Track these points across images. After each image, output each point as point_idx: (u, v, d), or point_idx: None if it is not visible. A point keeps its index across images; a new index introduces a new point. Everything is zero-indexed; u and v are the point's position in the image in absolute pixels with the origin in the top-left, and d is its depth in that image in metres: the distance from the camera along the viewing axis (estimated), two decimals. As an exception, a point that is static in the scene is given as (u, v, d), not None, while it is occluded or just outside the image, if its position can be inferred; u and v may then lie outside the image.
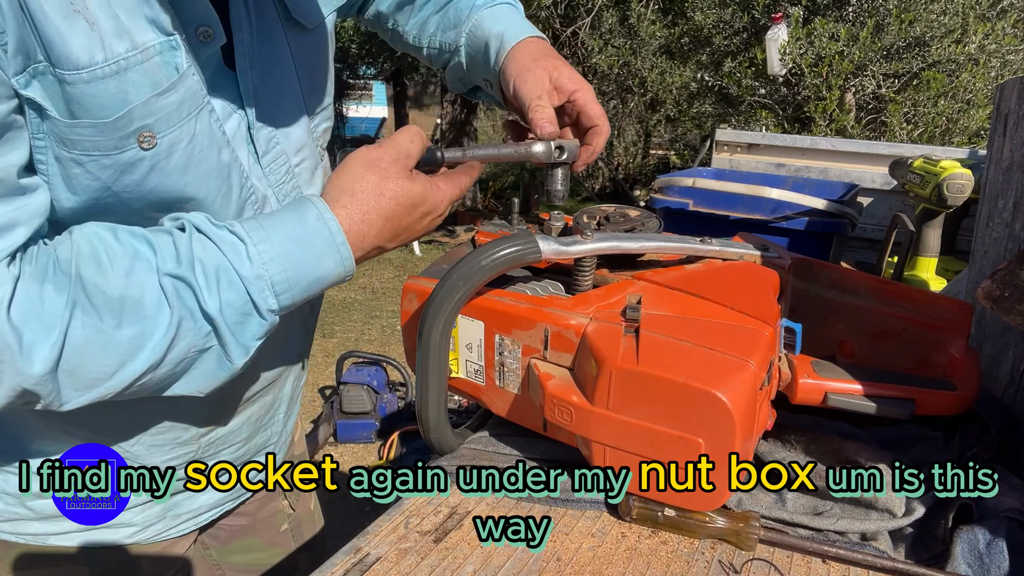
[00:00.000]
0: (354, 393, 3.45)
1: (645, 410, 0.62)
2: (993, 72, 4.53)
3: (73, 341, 0.56)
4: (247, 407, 0.87)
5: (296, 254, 0.64)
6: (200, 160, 0.65)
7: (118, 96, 0.57)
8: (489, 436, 0.80)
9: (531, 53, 0.87)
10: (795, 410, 0.77)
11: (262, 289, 0.62)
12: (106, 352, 0.58)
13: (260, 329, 0.64)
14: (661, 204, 1.93)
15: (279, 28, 0.75)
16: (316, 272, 0.65)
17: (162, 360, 0.60)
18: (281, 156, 0.77)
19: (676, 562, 0.62)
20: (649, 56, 6.45)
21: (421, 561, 0.61)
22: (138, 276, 0.59)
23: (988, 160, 1.05)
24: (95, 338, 0.57)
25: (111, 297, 0.57)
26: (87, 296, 0.57)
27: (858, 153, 2.62)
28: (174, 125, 0.62)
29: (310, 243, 0.64)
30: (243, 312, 0.62)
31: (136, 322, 0.58)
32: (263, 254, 0.63)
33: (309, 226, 0.65)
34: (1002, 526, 0.62)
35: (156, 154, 0.61)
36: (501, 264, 0.68)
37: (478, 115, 10.11)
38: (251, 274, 0.62)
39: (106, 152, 0.59)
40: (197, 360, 0.63)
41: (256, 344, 0.65)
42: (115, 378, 0.59)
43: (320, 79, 0.84)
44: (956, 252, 2.08)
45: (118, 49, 0.57)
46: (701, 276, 0.76)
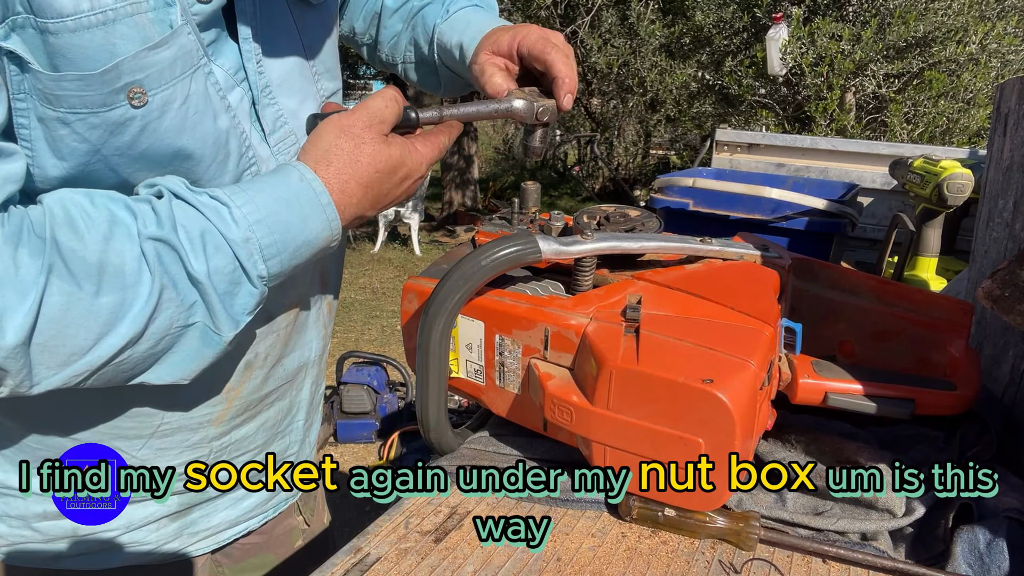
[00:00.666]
0: (354, 393, 3.45)
1: (645, 410, 0.62)
2: (994, 72, 4.54)
3: (49, 310, 0.52)
4: (263, 410, 0.85)
5: (283, 215, 0.61)
6: (195, 123, 0.62)
7: (105, 47, 0.54)
8: (489, 436, 0.80)
9: (480, 47, 0.84)
10: (795, 410, 0.77)
11: (251, 253, 0.59)
12: (84, 323, 0.54)
13: (250, 300, 0.61)
14: (661, 204, 1.93)
15: (283, 3, 0.73)
16: (303, 234, 0.62)
17: (142, 333, 0.56)
18: (290, 136, 0.74)
19: (676, 562, 0.62)
20: (649, 56, 6.45)
21: (421, 561, 0.61)
22: (117, 242, 0.55)
23: (988, 160, 1.05)
24: (72, 307, 0.53)
25: (89, 263, 0.54)
26: (64, 262, 0.53)
27: (858, 153, 2.62)
28: (167, 83, 0.59)
29: (295, 204, 0.62)
30: (232, 280, 0.59)
31: (116, 290, 0.54)
32: (248, 216, 0.60)
33: (293, 187, 0.62)
34: (1002, 526, 0.62)
35: (147, 113, 0.58)
36: (501, 264, 0.68)
37: (478, 115, 10.11)
38: (239, 237, 0.59)
39: (94, 109, 0.55)
40: (180, 337, 0.59)
41: (246, 318, 0.62)
42: (92, 352, 0.55)
43: (329, 60, 0.81)
44: (956, 252, 2.09)
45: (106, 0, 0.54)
46: (701, 276, 0.76)
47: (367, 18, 0.99)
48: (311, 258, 0.65)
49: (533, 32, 0.80)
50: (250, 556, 0.98)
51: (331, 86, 0.82)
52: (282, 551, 1.03)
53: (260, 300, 0.63)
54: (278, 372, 0.84)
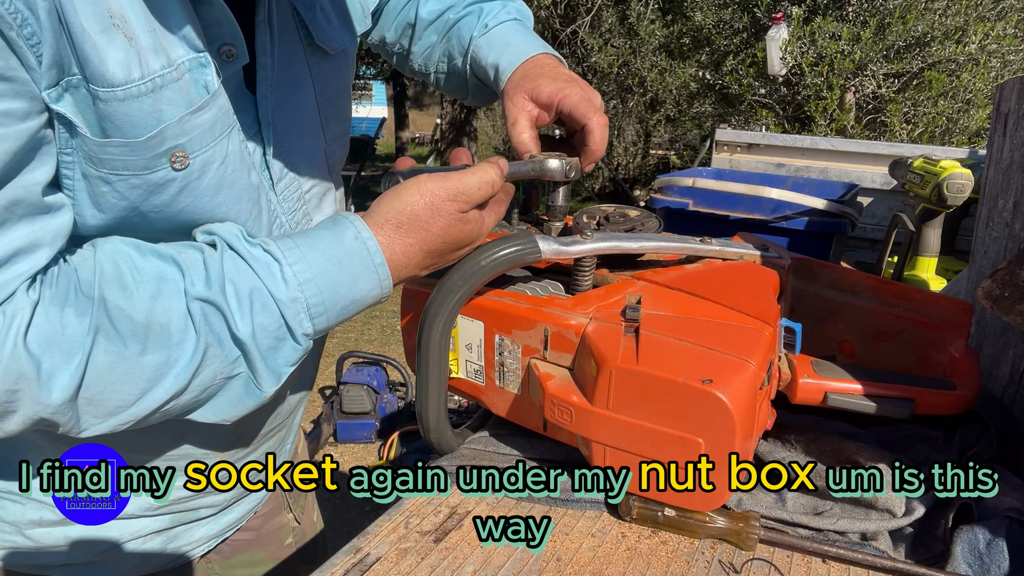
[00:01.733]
0: (354, 393, 3.45)
1: (645, 410, 0.62)
2: (993, 72, 4.54)
3: (95, 368, 0.54)
4: (264, 443, 0.87)
5: (333, 275, 0.61)
6: (232, 182, 0.63)
7: (152, 115, 0.55)
8: (489, 436, 0.80)
9: (518, 77, 0.84)
10: (795, 410, 0.77)
11: (297, 312, 0.60)
12: (129, 379, 0.55)
13: (293, 355, 0.62)
14: (661, 204, 1.93)
15: (301, 53, 0.74)
16: (352, 294, 0.62)
17: (186, 387, 0.58)
18: (294, 183, 0.75)
19: (676, 562, 0.61)
20: (649, 55, 6.45)
21: (421, 561, 0.61)
22: (165, 300, 0.56)
23: (988, 160, 1.05)
24: (118, 365, 0.55)
25: (136, 322, 0.55)
26: (111, 321, 0.54)
27: (858, 153, 2.62)
28: (207, 145, 0.60)
29: (347, 263, 0.61)
30: (277, 337, 0.60)
31: (161, 348, 0.56)
32: (299, 275, 0.60)
33: (347, 245, 0.62)
34: (1002, 526, 0.62)
35: (188, 175, 0.59)
36: (501, 264, 0.68)
37: (478, 115, 10.12)
38: (286, 296, 0.59)
39: (136, 172, 0.57)
40: (224, 387, 0.61)
41: (288, 371, 0.62)
42: (137, 405, 0.57)
43: (339, 106, 0.82)
44: (956, 252, 2.09)
45: (154, 66, 0.55)
46: (701, 276, 0.76)
47: (399, 28, 0.99)
48: (357, 313, 0.65)
49: (576, 92, 0.80)
50: (240, 553, 0.99)
51: (338, 128, 0.83)
52: (272, 549, 1.03)
53: (303, 354, 0.63)
54: (284, 408, 0.87)
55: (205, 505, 0.85)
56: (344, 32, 0.81)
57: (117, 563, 0.81)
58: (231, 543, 0.97)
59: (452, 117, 9.28)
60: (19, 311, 0.52)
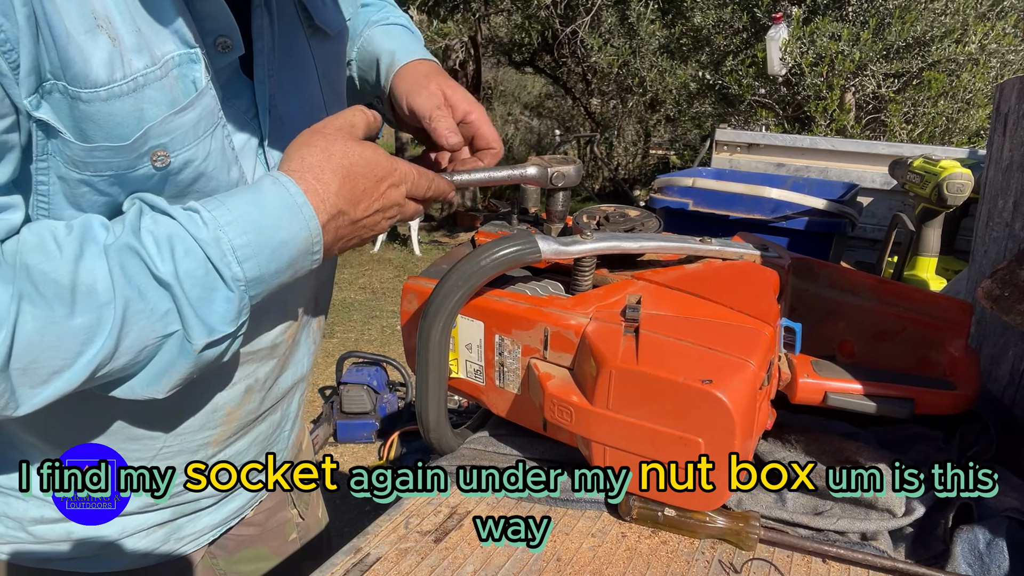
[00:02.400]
0: (354, 393, 3.45)
1: (645, 410, 0.62)
2: (993, 72, 4.54)
3: (23, 335, 0.52)
4: (256, 426, 0.86)
5: (254, 216, 0.59)
6: (210, 177, 0.63)
7: (134, 114, 0.55)
8: (489, 436, 0.80)
9: (423, 71, 0.86)
10: (795, 410, 0.77)
11: (223, 254, 0.57)
12: (60, 344, 0.53)
13: (229, 307, 0.58)
14: (661, 204, 1.93)
15: (302, 35, 0.74)
16: (279, 235, 0.60)
17: (116, 348, 0.55)
18: None
19: (676, 562, 0.62)
20: (649, 55, 6.45)
21: (421, 561, 0.61)
22: (88, 261, 0.54)
23: (988, 160, 1.05)
24: (47, 330, 0.53)
25: (61, 284, 0.53)
26: (34, 286, 0.53)
27: (858, 153, 2.62)
28: (189, 144, 0.60)
29: (267, 205, 0.60)
30: (206, 285, 0.57)
31: (90, 310, 0.54)
32: (219, 218, 0.58)
33: (266, 189, 0.61)
34: (1002, 526, 0.62)
35: (168, 171, 0.60)
36: (501, 264, 0.68)
37: (478, 115, 10.11)
38: (208, 237, 0.57)
39: (118, 172, 0.57)
40: (161, 347, 0.58)
41: (225, 328, 0.59)
42: (72, 371, 0.54)
43: (339, 86, 0.83)
44: (956, 252, 2.09)
45: (137, 65, 0.55)
46: (701, 276, 0.76)
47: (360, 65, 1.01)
48: (292, 262, 0.62)
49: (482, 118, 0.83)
50: (244, 548, 0.99)
51: (339, 108, 0.82)
52: (276, 544, 1.04)
53: (240, 308, 0.60)
54: (274, 392, 0.86)
55: (205, 496, 0.85)
56: (339, 12, 0.81)
57: (120, 556, 0.81)
58: (235, 538, 0.97)
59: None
60: None
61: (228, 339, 0.61)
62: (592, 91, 10.23)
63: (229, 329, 0.60)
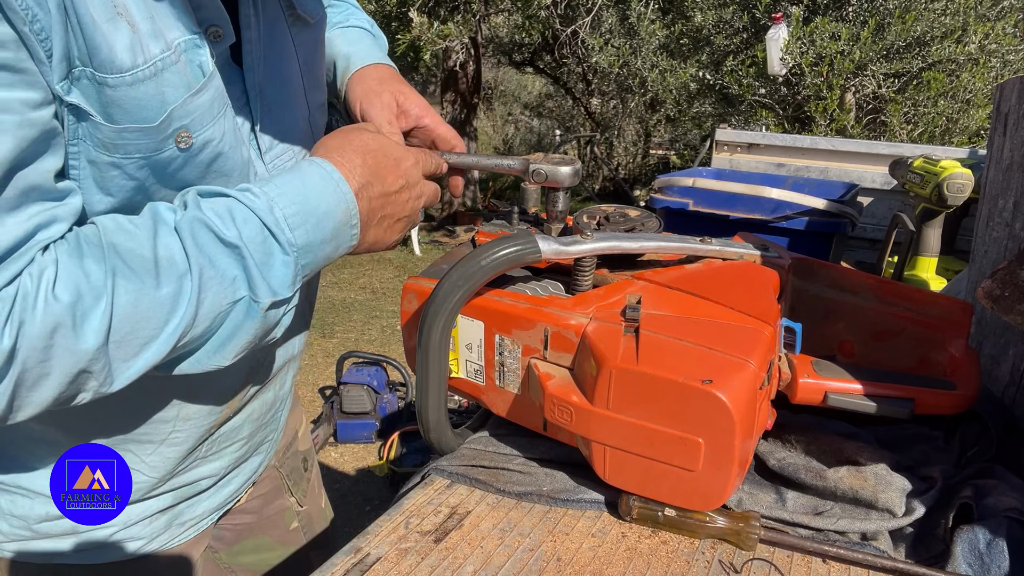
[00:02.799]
0: (354, 393, 3.45)
1: (645, 410, 0.62)
2: (993, 72, 4.53)
3: (120, 307, 0.56)
4: (250, 403, 0.87)
5: (300, 190, 0.65)
6: (227, 157, 0.67)
7: (157, 97, 0.58)
8: (489, 436, 0.80)
9: (377, 77, 0.89)
10: (795, 410, 0.77)
11: (277, 221, 0.62)
12: (151, 314, 0.57)
13: (286, 271, 0.63)
14: (661, 204, 1.93)
15: (283, 24, 0.76)
16: (322, 206, 0.65)
17: (196, 315, 0.59)
18: (285, 152, 0.78)
19: (676, 562, 0.61)
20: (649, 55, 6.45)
21: (421, 561, 0.61)
22: (163, 238, 0.59)
23: (988, 160, 1.05)
24: (140, 300, 0.57)
25: (146, 258, 0.57)
26: (124, 262, 0.57)
27: (858, 153, 2.62)
28: (207, 124, 0.63)
29: (309, 181, 0.66)
30: (265, 249, 0.62)
31: (172, 280, 0.58)
32: (269, 192, 0.63)
33: (305, 169, 0.67)
34: (1002, 525, 0.62)
35: (190, 152, 0.63)
36: (501, 264, 0.68)
37: (478, 115, 10.12)
38: (263, 206, 0.62)
39: (146, 154, 0.60)
40: (230, 313, 0.62)
41: (286, 292, 0.64)
42: (160, 340, 0.58)
43: (319, 74, 0.85)
44: (956, 252, 2.09)
45: (154, 50, 0.58)
46: (701, 276, 0.76)
47: None
48: (336, 233, 0.67)
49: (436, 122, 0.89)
50: (243, 538, 1.00)
51: (319, 96, 0.85)
52: (277, 533, 1.04)
53: (295, 273, 0.64)
54: (263, 370, 0.87)
55: (203, 476, 0.86)
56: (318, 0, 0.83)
57: (124, 545, 0.82)
58: (232, 529, 0.98)
59: (452, 117, 9.28)
60: (45, 268, 0.54)
61: (286, 304, 0.65)
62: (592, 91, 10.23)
63: (287, 293, 0.64)
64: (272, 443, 0.98)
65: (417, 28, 6.68)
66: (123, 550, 0.82)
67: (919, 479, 0.69)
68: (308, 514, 1.09)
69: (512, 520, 0.67)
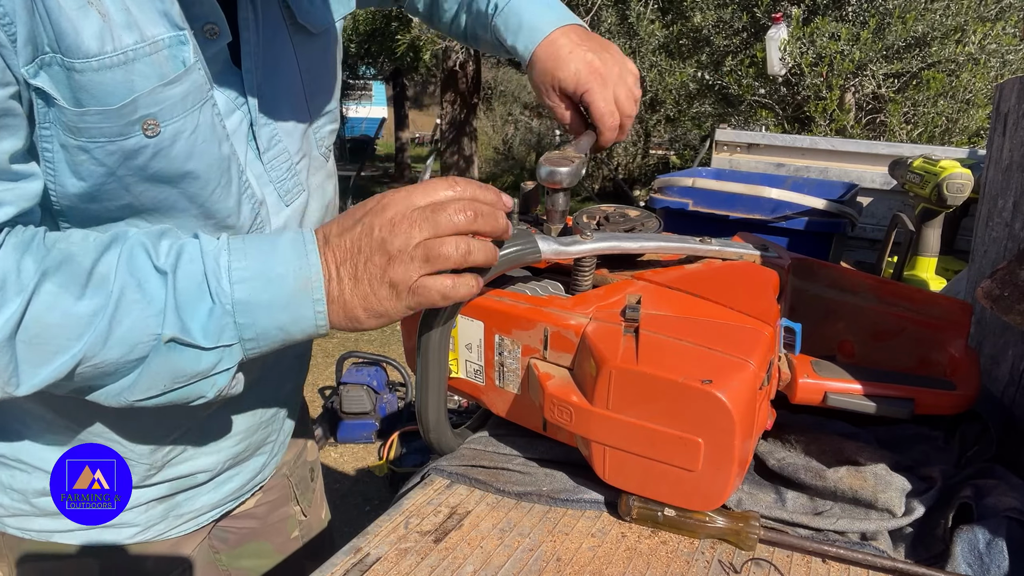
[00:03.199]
0: (354, 393, 3.45)
1: (644, 410, 0.62)
2: (993, 72, 4.53)
3: (35, 308, 0.55)
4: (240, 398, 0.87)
5: (265, 249, 0.61)
6: (203, 151, 0.66)
7: (124, 84, 0.59)
8: (489, 436, 0.80)
9: (539, 72, 0.90)
10: (795, 410, 0.77)
11: (218, 268, 0.59)
12: (64, 324, 0.56)
13: (209, 320, 0.58)
14: (661, 204, 1.93)
15: (284, 32, 0.77)
16: (278, 268, 0.60)
17: (108, 335, 0.57)
18: (283, 153, 0.78)
19: (676, 562, 0.61)
20: (649, 55, 6.45)
21: (421, 561, 0.61)
22: (109, 256, 0.58)
23: (988, 160, 1.05)
24: (56, 307, 0.56)
25: (83, 270, 0.57)
26: (61, 267, 0.57)
27: (858, 153, 2.62)
28: (178, 115, 0.63)
29: (279, 243, 0.62)
30: (198, 290, 0.59)
31: (97, 296, 0.57)
32: (232, 244, 0.61)
33: (285, 233, 0.63)
34: (1002, 525, 0.62)
35: (160, 141, 0.62)
36: (501, 264, 0.68)
37: (478, 115, 10.11)
38: (212, 251, 0.60)
39: (111, 138, 0.60)
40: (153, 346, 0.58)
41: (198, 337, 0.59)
42: (69, 353, 0.56)
43: (325, 82, 0.85)
44: (956, 252, 2.08)
45: (126, 40, 0.58)
46: (700, 276, 0.76)
47: (426, 4, 1.08)
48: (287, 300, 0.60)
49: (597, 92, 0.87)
50: (246, 542, 1.00)
51: (324, 102, 0.85)
52: (279, 541, 1.04)
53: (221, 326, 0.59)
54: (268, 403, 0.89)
55: (199, 470, 0.85)
56: (327, 11, 0.83)
57: (120, 529, 0.83)
58: (236, 532, 0.98)
59: (452, 117, 9.28)
60: None
61: (197, 349, 0.59)
62: (592, 91, 10.20)
63: (202, 341, 0.59)
64: (275, 445, 0.98)
65: (417, 28, 6.67)
66: (119, 534, 0.83)
67: (919, 479, 0.69)
68: (309, 524, 1.09)
69: (512, 520, 0.67)
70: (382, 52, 10.01)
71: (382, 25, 7.77)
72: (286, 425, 0.99)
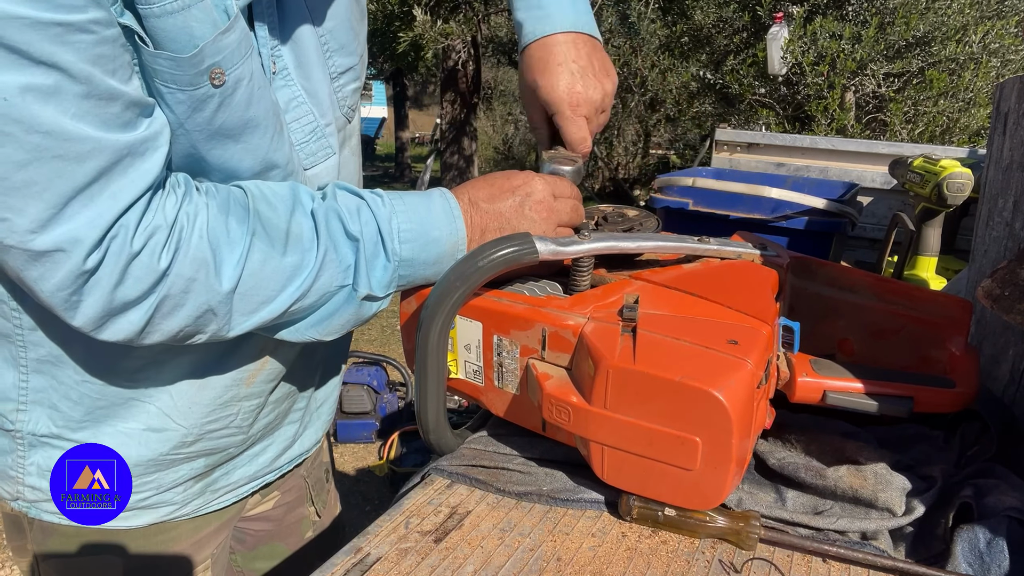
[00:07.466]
0: (354, 393, 3.45)
1: (643, 409, 0.61)
2: (994, 72, 4.53)
3: (250, 264, 0.65)
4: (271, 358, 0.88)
5: (422, 213, 0.73)
6: (260, 98, 0.69)
7: (185, 30, 0.61)
8: (489, 436, 0.80)
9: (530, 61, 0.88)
10: (795, 409, 0.77)
11: (391, 231, 0.71)
12: (273, 277, 0.66)
13: (384, 274, 0.71)
14: (661, 204, 1.93)
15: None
16: (434, 232, 0.73)
17: (309, 289, 0.68)
18: (308, 115, 0.78)
19: (676, 562, 0.61)
20: (649, 55, 6.45)
21: (421, 561, 0.61)
22: (298, 216, 0.68)
23: (988, 159, 1.05)
24: (267, 262, 0.66)
25: (280, 229, 0.67)
26: (263, 228, 0.66)
27: (858, 152, 2.62)
28: (237, 63, 0.65)
29: (433, 208, 0.74)
30: (375, 250, 0.70)
31: (296, 252, 0.67)
32: (395, 205, 0.72)
33: (433, 196, 0.75)
34: (1002, 525, 0.62)
35: (224, 91, 0.65)
36: (499, 264, 0.68)
37: (478, 115, 10.11)
38: (384, 215, 0.71)
39: (182, 87, 0.62)
40: (334, 296, 0.70)
41: (378, 290, 0.71)
42: (275, 302, 0.67)
43: (343, 37, 0.83)
44: (956, 251, 2.09)
45: None
46: (699, 275, 0.76)
47: None
48: (437, 258, 0.73)
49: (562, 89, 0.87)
50: (261, 544, 1.00)
51: (345, 62, 0.84)
52: (293, 541, 1.04)
53: (391, 278, 0.72)
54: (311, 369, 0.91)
55: (233, 444, 0.85)
56: None
57: (156, 509, 0.83)
58: (252, 533, 0.99)
59: (452, 117, 9.28)
60: (200, 211, 0.63)
61: (378, 300, 0.73)
62: (592, 91, 10.18)
63: (381, 293, 0.72)
64: (305, 413, 0.96)
65: (420, 26, 6.67)
66: (154, 515, 0.83)
67: (919, 478, 0.69)
68: (322, 525, 1.09)
69: (512, 520, 0.67)
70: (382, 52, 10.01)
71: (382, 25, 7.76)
72: (318, 394, 0.97)
